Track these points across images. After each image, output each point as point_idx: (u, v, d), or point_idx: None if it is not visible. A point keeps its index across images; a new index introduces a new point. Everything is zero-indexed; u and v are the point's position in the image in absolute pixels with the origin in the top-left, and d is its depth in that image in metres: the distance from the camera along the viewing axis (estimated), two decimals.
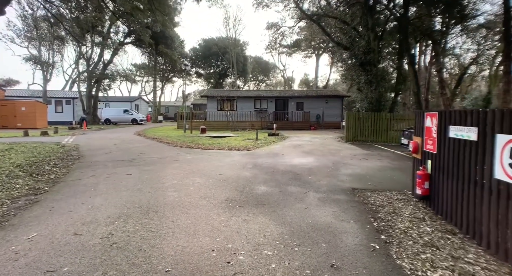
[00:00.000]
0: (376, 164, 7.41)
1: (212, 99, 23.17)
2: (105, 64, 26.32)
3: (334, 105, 23.88)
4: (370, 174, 6.22)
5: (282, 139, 14.40)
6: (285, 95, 24.46)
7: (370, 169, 6.83)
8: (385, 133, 12.86)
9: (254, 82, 60.99)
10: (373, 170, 6.72)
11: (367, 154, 9.34)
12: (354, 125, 13.02)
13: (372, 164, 7.41)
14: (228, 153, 9.19)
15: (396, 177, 6.02)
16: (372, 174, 6.28)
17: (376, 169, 6.79)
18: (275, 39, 19.70)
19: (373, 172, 6.45)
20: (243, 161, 7.68)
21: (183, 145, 11.09)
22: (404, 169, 6.86)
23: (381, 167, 7.04)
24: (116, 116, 29.82)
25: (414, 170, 4.61)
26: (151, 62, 37.73)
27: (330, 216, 3.69)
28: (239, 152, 9.47)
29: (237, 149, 10.20)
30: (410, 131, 8.35)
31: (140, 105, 41.75)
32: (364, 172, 6.49)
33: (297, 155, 8.89)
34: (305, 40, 27.57)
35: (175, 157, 8.23)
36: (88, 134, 15.88)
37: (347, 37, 15.25)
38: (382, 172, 6.46)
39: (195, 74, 50.51)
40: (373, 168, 6.89)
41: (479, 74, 38.98)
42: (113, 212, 3.65)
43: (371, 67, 13.62)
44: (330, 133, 18.27)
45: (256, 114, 22.96)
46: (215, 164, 7.20)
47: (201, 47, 43.98)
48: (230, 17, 39.71)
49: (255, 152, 9.52)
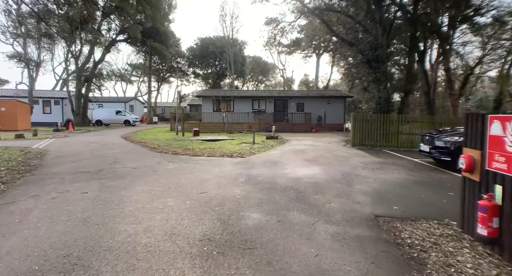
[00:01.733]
0: (395, 177, 6.13)
1: (207, 99, 21.91)
2: (96, 62, 25.03)
3: (336, 106, 22.62)
4: (392, 192, 4.94)
5: (281, 142, 13.13)
6: (284, 96, 23.21)
7: (389, 183, 5.54)
8: (396, 137, 11.59)
9: (253, 82, 59.79)
10: (393, 185, 5.44)
11: (380, 162, 8.06)
12: (361, 128, 11.75)
13: (390, 177, 6.12)
14: (219, 161, 7.90)
15: (426, 196, 4.73)
16: (394, 191, 5.00)
17: (397, 184, 5.50)
18: (274, 35, 18.49)
19: (395, 189, 5.16)
20: (234, 172, 6.39)
21: (169, 150, 9.79)
22: (431, 183, 5.58)
23: (402, 181, 5.75)
24: (108, 118, 28.51)
25: (464, 196, 3.34)
26: (146, 61, 36.46)
27: (354, 272, 2.40)
28: (231, 160, 8.18)
29: (230, 155, 8.92)
30: (432, 136, 7.08)
31: (135, 106, 40.44)
32: (383, 188, 5.20)
33: (299, 164, 7.60)
34: (306, 37, 26.36)
35: (154, 167, 6.93)
36: (69, 138, 14.57)
37: (352, 32, 14.02)
38: (406, 189, 5.17)
39: (192, 75, 49.30)
40: (393, 183, 5.61)
41: (483, 74, 37.91)
42: (12, 273, 2.35)
43: (379, 65, 12.38)
44: (333, 136, 17.00)
45: (254, 116, 21.70)
46: (200, 177, 5.90)
47: (198, 47, 42.75)
48: (226, 15, 38.43)
49: (250, 160, 8.23)
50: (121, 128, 23.42)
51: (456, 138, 6.53)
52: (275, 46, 20.52)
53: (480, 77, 36.36)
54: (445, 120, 11.46)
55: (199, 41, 42.68)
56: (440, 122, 11.36)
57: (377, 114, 11.59)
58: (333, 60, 37.29)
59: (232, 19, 38.55)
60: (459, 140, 6.42)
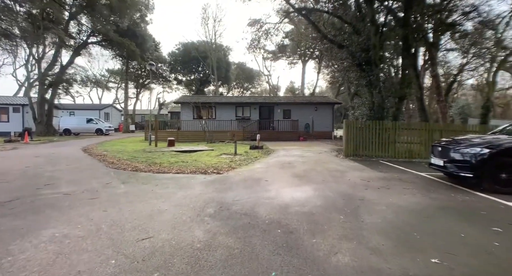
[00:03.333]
0: (410, 201, 4.77)
1: (186, 106, 20.24)
2: (63, 66, 22.81)
3: (324, 113, 21.58)
4: (418, 228, 3.54)
5: (267, 153, 11.68)
6: (270, 102, 21.95)
7: (408, 212, 4.17)
8: (393, 147, 10.43)
9: (239, 89, 58.55)
10: (414, 214, 4.06)
11: (383, 178, 6.74)
12: (354, 136, 10.52)
13: (405, 201, 4.76)
14: (187, 181, 6.30)
15: (466, 234, 3.35)
16: (420, 226, 3.60)
17: (419, 213, 4.13)
18: (258, 37, 17.25)
19: (419, 221, 3.78)
20: (203, 198, 4.84)
21: (129, 165, 8.08)
22: (460, 211, 4.24)
23: (423, 208, 4.39)
24: (77, 126, 26.17)
25: None
26: (123, 66, 34.37)
27: None
28: (204, 178, 6.60)
29: (204, 171, 7.34)
30: (446, 147, 5.84)
31: (111, 114, 38.00)
32: (403, 220, 3.81)
33: (287, 182, 6.14)
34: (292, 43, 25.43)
35: (96, 192, 5.25)
36: (16, 150, 12.46)
37: (342, 33, 12.98)
38: (434, 221, 3.80)
39: (175, 81, 47.42)
40: (413, 211, 4.23)
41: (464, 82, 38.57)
42: None
43: (371, 67, 11.31)
44: (322, 144, 15.76)
45: (237, 123, 20.23)
46: (153, 207, 4.30)
47: (180, 52, 41.12)
48: (209, 18, 37.00)
49: (227, 177, 6.69)
50: (91, 138, 21.23)
51: (478, 149, 5.30)
52: (259, 49, 19.35)
53: (462, 85, 36.90)
54: (446, 128, 10.44)
55: (181, 46, 41.08)
56: (440, 130, 10.32)
57: (372, 122, 10.42)
58: (319, 66, 36.72)
59: (215, 23, 37.16)
60: (482, 151, 5.20)
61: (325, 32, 13.39)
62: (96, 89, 49.11)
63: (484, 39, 20.83)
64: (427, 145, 10.30)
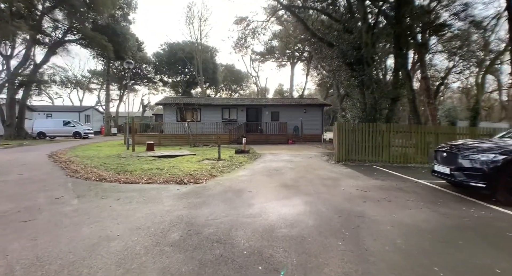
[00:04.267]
0: (418, 218, 4.02)
1: (169, 108, 19.17)
2: (37, 65, 21.27)
3: (314, 115, 20.98)
4: (437, 260, 2.77)
5: (253, 158, 10.84)
6: (258, 104, 21.15)
7: (419, 235, 3.40)
8: (387, 151, 9.80)
9: (227, 92, 57.60)
10: (427, 238, 3.30)
11: (380, 187, 6.01)
12: (346, 139, 9.83)
13: (411, 218, 4.01)
14: (157, 193, 5.36)
15: (502, 270, 2.60)
16: (438, 258, 2.83)
17: (432, 235, 3.38)
18: (245, 36, 16.46)
19: (435, 250, 3.01)
20: (170, 217, 3.93)
21: (94, 174, 7.05)
22: (482, 232, 3.52)
23: (435, 227, 3.65)
24: (53, 129, 24.56)
25: None
26: (105, 66, 32.82)
27: None
28: (178, 189, 5.68)
29: (179, 180, 6.41)
30: (453, 152, 5.16)
31: (93, 116, 36.29)
32: (417, 248, 3.03)
33: (274, 194, 5.31)
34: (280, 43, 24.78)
35: (41, 208, 4.26)
36: None
37: (332, 31, 12.37)
38: (455, 250, 3.04)
39: (160, 82, 46.00)
40: (424, 233, 3.47)
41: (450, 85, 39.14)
42: None
43: (363, 67, 10.70)
44: (312, 148, 15.07)
45: (224, 126, 19.31)
46: (102, 232, 3.37)
47: (166, 53, 39.85)
48: (194, 17, 35.86)
49: (205, 188, 5.79)
50: (66, 142, 19.78)
51: (490, 155, 4.64)
52: (246, 49, 18.60)
53: (448, 88, 37.39)
54: (443, 131, 9.91)
55: (167, 47, 39.82)
56: (436, 132, 9.78)
57: (365, 124, 9.77)
58: (307, 68, 36.33)
59: (200, 22, 36.03)
60: (496, 158, 4.54)
61: (314, 30, 12.75)
62: (77, 91, 46.98)
63: (471, 41, 20.83)
64: (422, 149, 9.75)
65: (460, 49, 23.65)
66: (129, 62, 14.00)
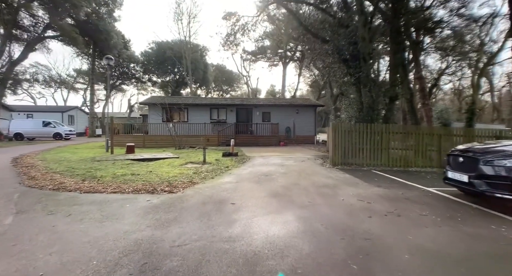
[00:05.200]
0: (439, 241, 3.22)
1: (155, 108, 18.11)
2: (13, 62, 19.89)
3: (306, 116, 20.26)
4: None
5: (241, 161, 9.96)
6: (248, 104, 20.28)
7: (450, 269, 2.59)
8: (386, 154, 9.08)
9: (218, 93, 56.52)
10: (463, 274, 2.49)
11: (384, 196, 5.22)
12: (343, 142, 9.06)
13: (431, 241, 3.21)
14: (121, 206, 4.43)
15: None
16: None
17: (465, 267, 2.58)
18: (234, 32, 15.59)
19: None
20: (125, 242, 3.03)
21: (54, 181, 6.05)
22: None
23: (468, 257, 2.85)
24: (32, 130, 23.12)
25: None
26: (90, 65, 31.43)
27: None
28: (148, 200, 4.76)
29: (152, 189, 5.49)
30: (472, 157, 4.42)
31: (77, 116, 34.71)
32: None
33: (262, 207, 4.44)
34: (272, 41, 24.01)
35: None
36: None
37: (326, 26, 11.64)
38: None
39: (149, 82, 44.64)
40: (456, 262, 2.67)
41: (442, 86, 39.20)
42: None
43: (360, 63, 9.98)
44: (305, 150, 14.29)
45: (212, 127, 18.38)
46: (20, 268, 2.44)
47: (154, 52, 38.60)
48: (183, 13, 34.67)
49: (181, 199, 4.89)
50: (44, 144, 18.47)
51: None
52: (235, 46, 17.71)
53: (440, 89, 37.38)
54: (447, 132, 9.25)
55: (155, 45, 38.57)
56: (438, 134, 9.12)
57: (363, 125, 9.03)
58: (300, 69, 35.71)
59: (189, 19, 34.85)
60: None
61: (308, 25, 12.01)
62: (61, 91, 45.14)
63: (466, 41, 20.53)
64: (424, 152, 9.07)
65: (454, 50, 23.44)
66: (109, 58, 12.94)
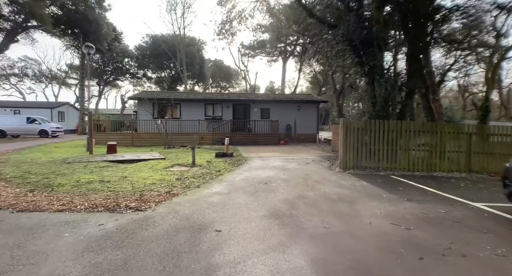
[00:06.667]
0: None
1: (144, 103, 16.68)
2: None
3: (308, 112, 18.88)
4: None
5: (236, 163, 8.61)
6: (246, 100, 18.86)
7: None
8: (406, 156, 7.74)
9: (216, 89, 54.94)
10: None
11: (424, 217, 3.89)
12: (355, 142, 7.71)
13: None
14: (57, 233, 3.07)
15: None
16: None
17: None
18: (230, 20, 14.17)
19: None
20: None
21: None
22: None
23: None
24: (16, 127, 21.72)
25: None
26: (80, 58, 29.84)
27: None
28: (101, 223, 3.40)
29: (115, 204, 4.14)
30: None
31: (68, 113, 33.19)
32: None
33: (259, 237, 3.08)
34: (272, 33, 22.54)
35: None
36: None
37: (333, 10, 10.23)
38: None
39: (144, 78, 43.06)
40: None
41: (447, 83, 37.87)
42: None
43: (373, 51, 8.61)
44: (307, 150, 12.94)
45: (207, 124, 16.99)
46: None
47: (149, 45, 37.01)
48: (177, 3, 32.99)
49: (147, 222, 3.53)
50: (25, 142, 17.06)
51: None
52: (231, 36, 16.31)
53: (445, 86, 36.03)
54: (479, 131, 7.88)
55: (149, 39, 36.97)
56: (467, 132, 7.77)
57: (378, 121, 7.68)
58: (300, 63, 34.24)
59: (184, 9, 33.17)
60: None
61: (312, 9, 10.61)
62: (52, 86, 43.53)
63: (480, 33, 19.10)
64: (448, 154, 7.74)
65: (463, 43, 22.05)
66: (89, 46, 11.49)
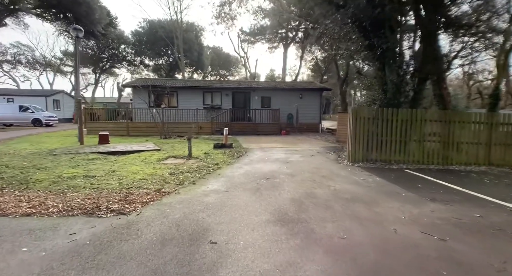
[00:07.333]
0: None
1: (140, 91, 15.92)
2: None
3: (311, 101, 18.15)
4: None
5: (236, 155, 8.02)
6: (246, 88, 18.08)
7: None
8: (420, 147, 7.13)
9: (215, 77, 53.76)
10: None
11: (459, 224, 3.31)
12: (365, 132, 7.08)
13: None
14: (11, 249, 2.47)
15: None
16: None
17: None
18: (229, 2, 13.22)
19: None
20: None
21: None
22: None
23: None
24: (8, 115, 21.04)
25: None
26: (74, 44, 28.75)
27: None
28: (72, 233, 2.81)
29: (94, 207, 3.55)
30: None
31: (63, 101, 32.33)
32: None
33: (264, 251, 2.49)
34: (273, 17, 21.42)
35: None
36: None
37: None
38: None
39: (141, 65, 41.90)
40: None
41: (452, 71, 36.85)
42: None
43: (385, 32, 7.83)
44: (311, 140, 12.33)
45: (205, 113, 16.30)
46: None
47: (145, 31, 35.68)
48: None
49: (129, 230, 2.94)
50: (15, 131, 16.43)
51: None
52: (231, 20, 15.32)
53: (449, 74, 35.04)
54: (504, 121, 7.23)
55: (146, 24, 35.59)
56: (488, 122, 7.13)
57: (390, 110, 7.03)
58: (302, 49, 33.09)
59: None
60: None
61: None
62: (47, 73, 42.36)
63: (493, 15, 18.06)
64: (466, 145, 7.13)
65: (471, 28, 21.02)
66: (77, 29, 10.66)
